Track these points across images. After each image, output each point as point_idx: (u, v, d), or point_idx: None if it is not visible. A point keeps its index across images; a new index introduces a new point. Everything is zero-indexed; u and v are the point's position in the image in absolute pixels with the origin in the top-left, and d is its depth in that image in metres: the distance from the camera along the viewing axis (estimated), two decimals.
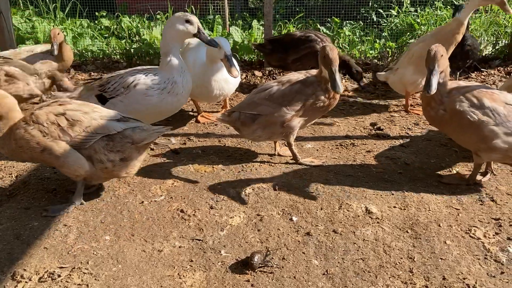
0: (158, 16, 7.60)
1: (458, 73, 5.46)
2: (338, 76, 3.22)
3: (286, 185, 3.38)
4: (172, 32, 3.56)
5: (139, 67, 3.83)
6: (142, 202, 3.18)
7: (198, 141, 4.19)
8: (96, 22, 7.62)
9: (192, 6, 7.84)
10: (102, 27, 7.53)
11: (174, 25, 3.55)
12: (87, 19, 7.63)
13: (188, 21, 3.53)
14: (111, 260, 2.58)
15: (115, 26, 7.46)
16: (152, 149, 3.96)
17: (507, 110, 3.01)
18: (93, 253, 2.64)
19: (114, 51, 6.84)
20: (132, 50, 6.75)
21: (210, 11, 7.83)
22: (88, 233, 2.82)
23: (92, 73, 6.26)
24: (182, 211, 3.06)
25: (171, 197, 3.23)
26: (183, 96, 3.69)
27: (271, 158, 3.83)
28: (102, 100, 3.64)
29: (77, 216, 2.99)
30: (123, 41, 7.04)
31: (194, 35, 3.59)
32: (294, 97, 3.44)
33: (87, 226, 2.89)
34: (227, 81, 4.31)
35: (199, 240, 2.76)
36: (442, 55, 3.04)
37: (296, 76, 3.57)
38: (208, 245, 2.71)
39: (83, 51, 6.76)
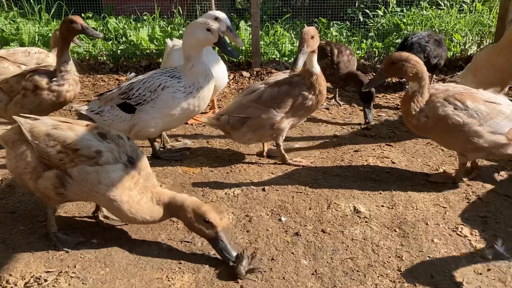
0: (145, 17, 7.56)
1: (433, 79, 5.49)
2: (302, 56, 3.17)
3: (274, 186, 3.38)
4: (192, 39, 3.44)
5: (158, 70, 3.73)
6: None
7: (186, 142, 4.17)
8: None
9: (179, 7, 7.81)
10: None
11: (194, 32, 3.42)
12: None
13: (209, 30, 3.40)
14: (99, 263, 2.56)
15: (101, 28, 7.40)
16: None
17: (488, 108, 3.05)
18: (81, 257, 2.60)
19: (101, 53, 6.79)
20: (118, 51, 6.70)
21: (197, 12, 7.81)
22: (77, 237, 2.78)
23: (78, 75, 6.19)
24: None
25: None
26: (208, 98, 3.63)
27: (259, 159, 3.83)
28: (127, 108, 3.55)
29: (64, 220, 2.95)
30: (110, 42, 6.99)
31: (215, 44, 3.47)
32: (282, 99, 3.44)
33: (74, 229, 2.85)
34: (218, 70, 4.27)
35: (188, 242, 2.74)
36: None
37: (282, 76, 3.57)
38: (197, 247, 2.70)
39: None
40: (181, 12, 7.80)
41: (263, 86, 3.55)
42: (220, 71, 4.30)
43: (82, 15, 7.63)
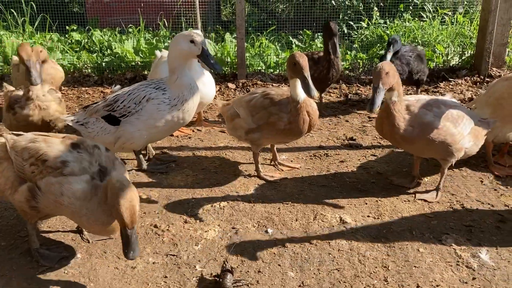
0: (130, 30, 7.55)
1: (418, 90, 5.52)
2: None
3: (261, 197, 3.37)
4: (176, 51, 3.44)
5: (144, 81, 3.72)
6: None
7: (172, 154, 4.15)
8: (66, 36, 7.51)
9: (165, 20, 7.82)
10: (73, 41, 7.42)
11: (178, 44, 3.42)
12: (57, 33, 7.51)
13: (192, 42, 3.39)
14: (83, 278, 2.52)
15: (86, 40, 7.36)
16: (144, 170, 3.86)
17: (456, 111, 3.19)
18: (64, 272, 2.56)
19: (85, 65, 6.75)
20: (103, 63, 6.67)
21: (183, 25, 7.83)
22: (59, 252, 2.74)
23: (63, 87, 6.14)
24: (155, 226, 3.01)
25: (144, 213, 3.18)
26: (193, 111, 3.63)
27: (245, 171, 3.82)
28: (112, 120, 3.52)
29: (48, 235, 2.91)
30: (94, 54, 6.95)
31: (198, 56, 3.47)
32: (259, 111, 3.42)
33: (57, 244, 2.81)
34: (205, 84, 4.27)
35: (174, 255, 2.72)
36: (387, 73, 2.91)
37: (276, 91, 3.49)
38: (183, 260, 2.67)
39: None
40: (166, 24, 7.81)
41: (260, 92, 3.54)
42: (207, 85, 4.30)
43: (67, 27, 7.58)
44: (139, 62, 6.69)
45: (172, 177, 3.71)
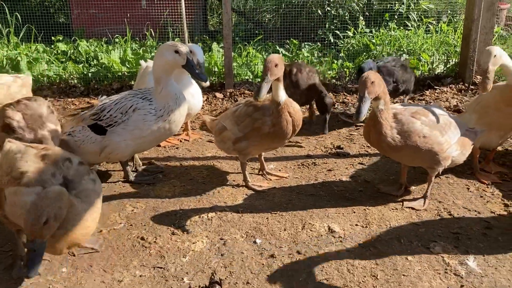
0: (117, 40, 7.52)
1: (405, 98, 5.55)
2: (265, 85, 3.06)
3: (249, 208, 3.36)
4: (161, 61, 3.43)
5: (131, 91, 3.71)
6: (101, 231, 3.07)
7: (159, 165, 4.12)
8: (52, 46, 7.45)
9: (151, 30, 7.81)
10: (59, 51, 7.35)
11: (162, 54, 3.42)
12: (42, 44, 7.44)
13: (177, 52, 3.39)
14: None
15: (72, 51, 7.31)
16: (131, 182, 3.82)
17: (443, 120, 3.21)
18: (49, 286, 2.51)
19: (71, 76, 6.69)
20: (90, 74, 6.62)
21: (170, 34, 7.82)
22: (43, 265, 2.69)
23: (49, 98, 6.09)
24: (142, 238, 2.98)
25: (131, 225, 3.14)
26: (179, 122, 3.62)
27: (233, 181, 3.81)
28: (98, 129, 3.50)
29: None
30: (81, 65, 6.90)
31: (183, 67, 3.45)
32: (244, 120, 3.43)
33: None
34: (193, 96, 4.26)
35: (161, 268, 2.68)
36: (372, 82, 2.94)
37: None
38: (170, 273, 2.64)
39: (39, 76, 6.58)
40: (153, 34, 7.80)
41: (244, 102, 3.57)
42: (195, 96, 4.29)
43: (52, 38, 7.53)
44: (125, 73, 6.65)
45: (159, 188, 3.68)
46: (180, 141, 4.69)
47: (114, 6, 7.85)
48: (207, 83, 3.96)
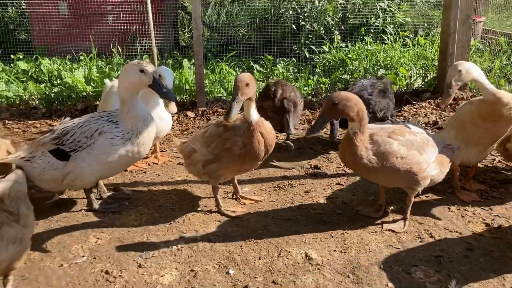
0: (81, 57, 7.45)
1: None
2: (236, 105, 3.06)
3: (222, 235, 3.31)
4: (126, 81, 3.40)
5: (96, 113, 3.66)
6: (61, 265, 2.98)
7: (125, 191, 4.04)
8: (11, 65, 7.32)
9: (118, 46, 7.76)
10: (19, 70, 7.23)
11: (127, 74, 3.38)
12: (1, 63, 7.31)
13: (142, 71, 3.35)
14: None
15: (33, 69, 7.19)
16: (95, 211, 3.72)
17: (420, 138, 3.25)
18: None
19: (32, 96, 6.57)
20: (52, 94, 6.51)
21: (138, 51, 7.79)
22: None
23: (7, 121, 5.95)
24: (107, 272, 2.89)
25: (95, 257, 3.06)
26: (148, 145, 3.58)
27: (205, 206, 3.76)
28: (60, 155, 3.42)
29: None
30: (43, 85, 6.79)
31: (150, 87, 3.42)
32: (214, 140, 3.42)
33: None
34: (162, 118, 4.23)
35: None
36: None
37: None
38: None
39: None
40: (120, 51, 7.75)
41: (214, 122, 3.55)
42: (163, 117, 4.25)
43: (12, 56, 7.40)
44: (90, 92, 6.57)
45: (125, 216, 3.60)
46: (149, 164, 4.63)
47: (78, 22, 7.80)
48: (175, 109, 3.91)
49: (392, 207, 3.68)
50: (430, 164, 3.25)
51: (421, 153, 3.19)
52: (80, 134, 3.41)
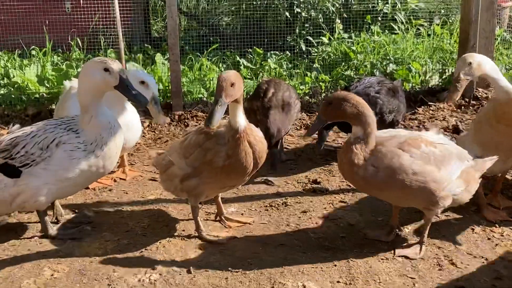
0: (34, 52, 7.44)
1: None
2: (220, 109, 3.05)
3: (203, 265, 3.31)
4: (87, 83, 3.40)
5: (51, 120, 3.66)
6: None
7: (87, 213, 4.02)
8: None
9: (78, 39, 7.76)
10: None
11: (88, 74, 3.38)
12: None
13: (107, 70, 3.34)
14: None
15: None
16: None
17: (440, 150, 3.25)
18: None
19: None
20: None
21: (101, 44, 7.79)
22: None
23: None
24: None
25: None
26: (115, 157, 3.59)
27: (183, 231, 3.76)
28: (8, 171, 3.40)
29: None
30: None
31: (116, 88, 3.40)
32: (194, 150, 3.42)
33: None
34: (129, 127, 4.23)
35: None
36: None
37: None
38: None
39: None
40: (80, 44, 7.75)
41: (195, 130, 3.57)
42: (130, 125, 4.27)
43: None
44: (44, 94, 6.57)
45: (87, 244, 3.59)
46: (115, 180, 4.63)
47: (30, 11, 7.77)
48: (166, 120, 3.95)
49: (406, 229, 3.70)
50: (453, 181, 3.25)
51: (440, 169, 3.19)
52: (33, 145, 3.40)
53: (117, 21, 6.42)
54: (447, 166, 3.24)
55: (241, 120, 3.27)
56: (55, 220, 3.89)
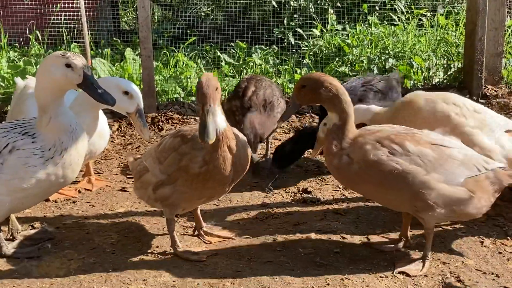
0: None
1: None
2: (212, 119, 3.07)
3: (180, 285, 3.31)
4: (45, 81, 3.38)
5: (5, 123, 3.65)
6: None
7: (47, 229, 4.00)
8: None
9: (37, 31, 7.73)
10: None
11: (48, 70, 3.36)
12: None
13: (69, 66, 3.33)
14: None
15: None
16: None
17: (437, 153, 3.25)
18: None
19: None
20: None
21: (64, 37, 7.77)
22: None
23: None
24: None
25: None
26: (78, 165, 3.57)
27: (157, 247, 3.75)
28: None
29: None
30: None
31: (79, 86, 3.39)
32: (168, 155, 3.44)
33: None
34: (101, 135, 4.25)
35: None
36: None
37: (191, 127, 3.57)
38: None
39: None
40: (40, 38, 7.72)
41: (172, 133, 3.59)
42: (104, 129, 4.28)
43: None
44: None
45: (47, 263, 3.57)
46: (79, 191, 4.63)
47: None
48: (149, 135, 3.98)
49: (407, 241, 3.73)
50: (450, 189, 3.26)
51: (429, 172, 3.19)
52: None
53: (82, 11, 6.41)
54: (442, 171, 3.23)
55: (220, 121, 3.28)
56: (11, 237, 3.86)
